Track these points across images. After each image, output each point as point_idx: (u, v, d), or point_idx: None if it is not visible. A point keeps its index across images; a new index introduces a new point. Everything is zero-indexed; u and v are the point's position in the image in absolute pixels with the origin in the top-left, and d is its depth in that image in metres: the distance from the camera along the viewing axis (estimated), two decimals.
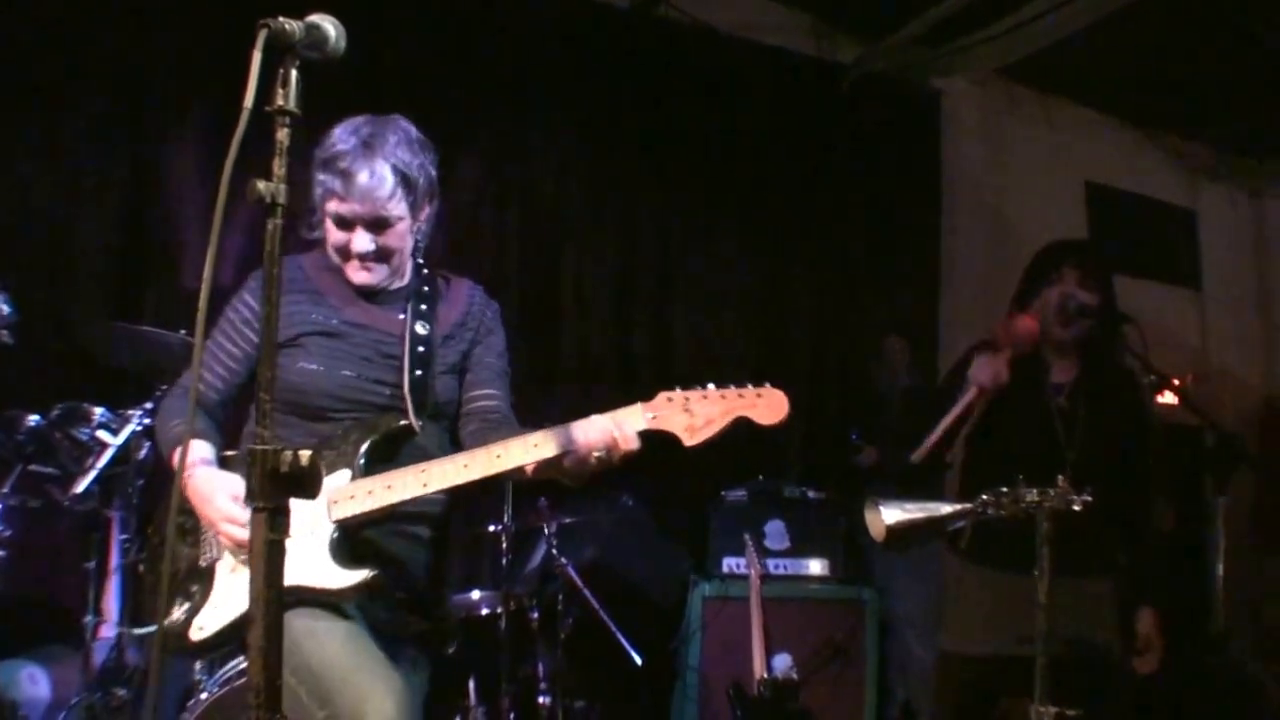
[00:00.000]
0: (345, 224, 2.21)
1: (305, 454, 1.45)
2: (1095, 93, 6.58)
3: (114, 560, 3.72)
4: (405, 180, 2.21)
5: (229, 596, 2.12)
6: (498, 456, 2.07)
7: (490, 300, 2.47)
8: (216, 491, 2.08)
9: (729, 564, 4.64)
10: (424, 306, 2.32)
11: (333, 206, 2.20)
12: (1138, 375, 3.18)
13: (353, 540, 2.14)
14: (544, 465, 2.09)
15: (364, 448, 2.14)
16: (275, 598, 1.46)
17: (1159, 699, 3.54)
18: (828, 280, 5.78)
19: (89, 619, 3.51)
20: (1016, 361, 3.00)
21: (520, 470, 2.10)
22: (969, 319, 5.80)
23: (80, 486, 3.34)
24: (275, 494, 1.45)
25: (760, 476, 4.88)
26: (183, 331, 3.40)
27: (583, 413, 2.12)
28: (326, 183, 2.18)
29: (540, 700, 3.99)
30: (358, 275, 2.26)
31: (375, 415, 2.20)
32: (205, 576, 2.17)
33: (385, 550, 2.19)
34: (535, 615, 3.98)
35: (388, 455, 2.17)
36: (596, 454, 2.04)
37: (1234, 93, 6.23)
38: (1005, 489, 2.39)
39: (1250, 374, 7.31)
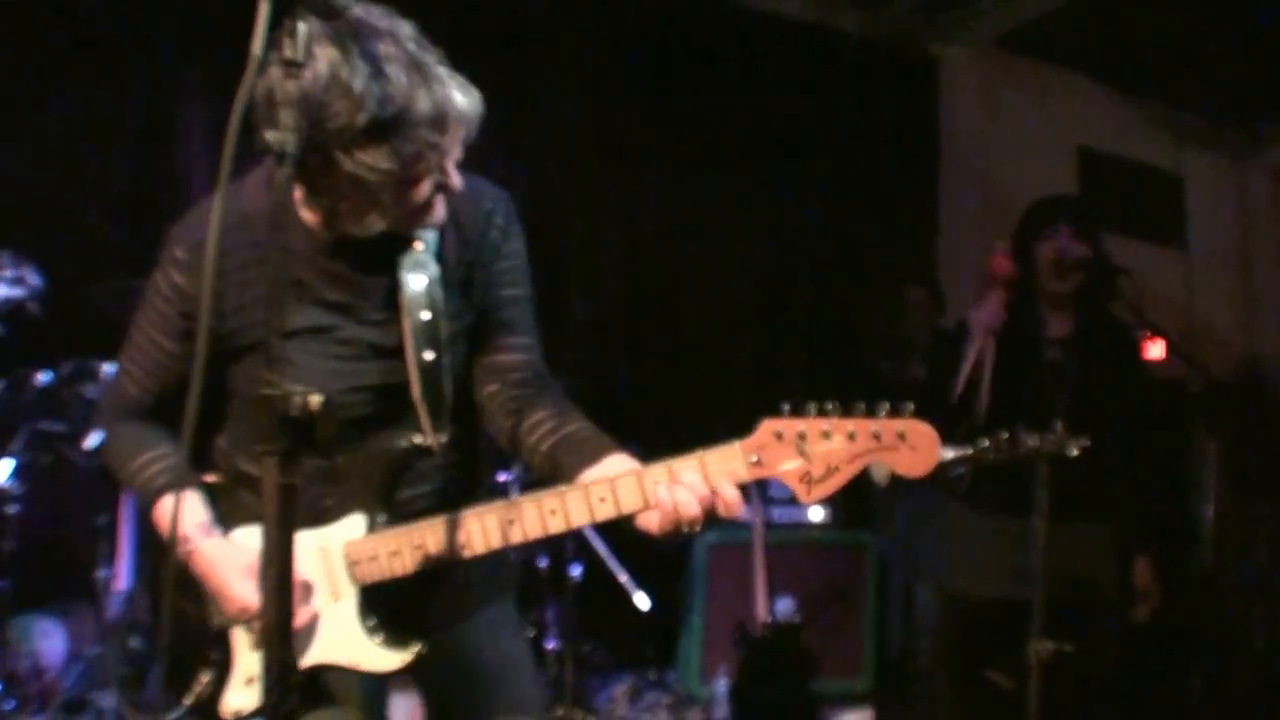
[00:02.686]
0: (437, 172, 1.62)
1: (315, 399, 1.35)
2: (1088, 61, 6.64)
3: (125, 515, 3.78)
4: None
5: (259, 673, 1.66)
6: (552, 513, 1.60)
7: (502, 195, 1.82)
8: (229, 575, 1.67)
9: None
10: (418, 245, 1.73)
11: (428, 164, 1.58)
12: (1131, 329, 3.23)
13: (381, 599, 1.72)
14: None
15: (375, 485, 1.72)
16: (287, 541, 1.45)
17: (1150, 638, 3.61)
18: (827, 242, 5.84)
19: (102, 573, 3.56)
20: (1012, 311, 3.06)
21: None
22: (965, 280, 5.87)
23: (90, 443, 3.36)
24: (286, 440, 1.41)
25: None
26: None
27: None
28: (407, 147, 1.52)
29: (549, 645, 4.08)
30: (432, 219, 1.67)
31: (381, 436, 1.74)
32: (221, 644, 1.76)
33: (423, 595, 1.78)
34: (543, 563, 4.06)
35: (398, 477, 1.75)
36: (688, 521, 1.54)
37: (1222, 62, 6.30)
38: (1004, 434, 2.46)
39: (1233, 332, 7.41)
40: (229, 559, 1.69)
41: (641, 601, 4.09)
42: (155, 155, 4.25)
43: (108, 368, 3.48)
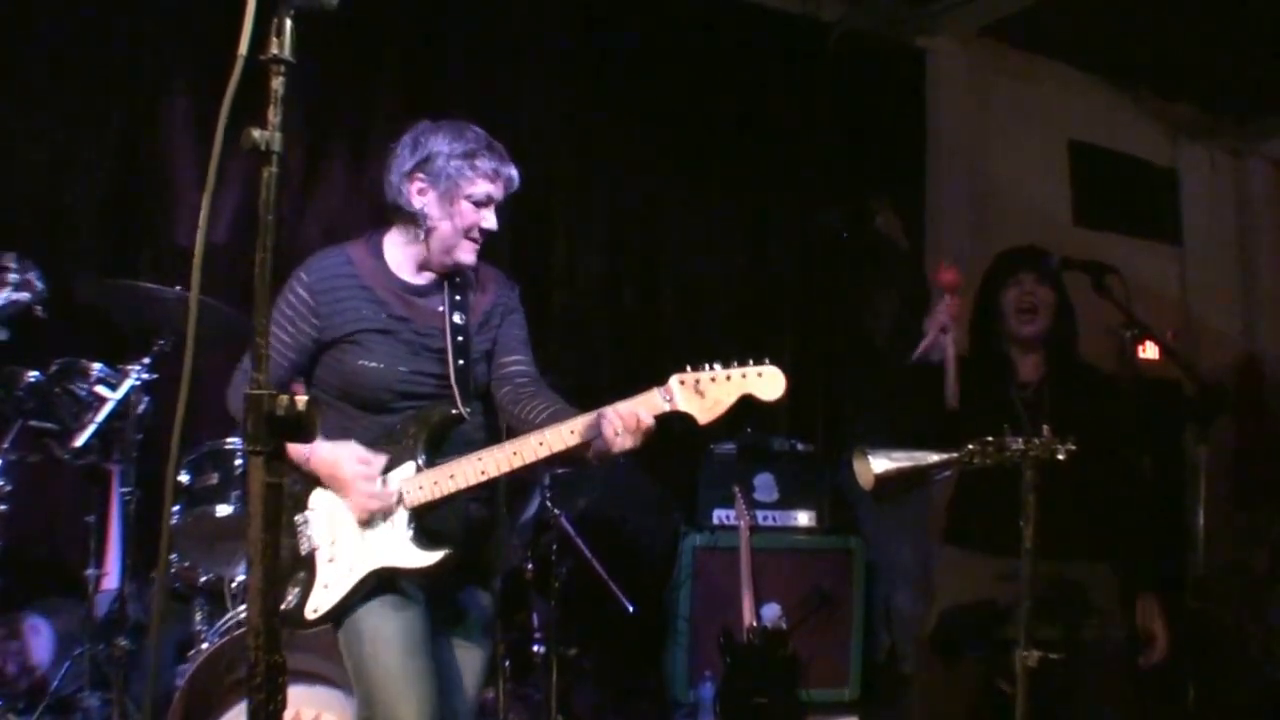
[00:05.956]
0: (483, 204, 2.47)
1: (301, 399, 1.47)
2: (1079, 52, 6.58)
3: (115, 513, 3.78)
4: None
5: (333, 581, 2.37)
6: (540, 444, 2.30)
7: (512, 283, 2.71)
8: (341, 459, 2.32)
9: (719, 515, 4.72)
10: (458, 297, 2.53)
11: (482, 188, 2.45)
12: (1100, 370, 3.30)
13: (426, 521, 2.37)
14: (578, 448, 2.31)
15: (422, 441, 2.38)
16: (273, 540, 1.48)
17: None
18: (813, 236, 5.80)
19: (91, 571, 3.55)
20: (983, 356, 3.17)
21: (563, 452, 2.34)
22: None
23: (79, 441, 3.35)
24: (272, 438, 1.46)
25: (749, 430, 4.96)
26: (178, 288, 3.43)
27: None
28: (474, 169, 2.44)
29: (535, 649, 4.08)
30: (468, 255, 2.49)
31: (427, 406, 2.42)
32: (308, 564, 2.40)
33: (456, 524, 2.43)
34: (530, 566, 4.05)
35: (440, 442, 2.41)
36: (619, 437, 2.23)
37: (1215, 53, 6.27)
38: (990, 439, 2.45)
39: (1230, 328, 7.39)
40: (343, 450, 2.33)
41: (627, 606, 4.08)
42: (140, 155, 4.23)
43: (98, 366, 3.46)
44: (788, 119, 5.72)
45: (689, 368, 2.31)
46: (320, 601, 2.36)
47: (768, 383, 2.32)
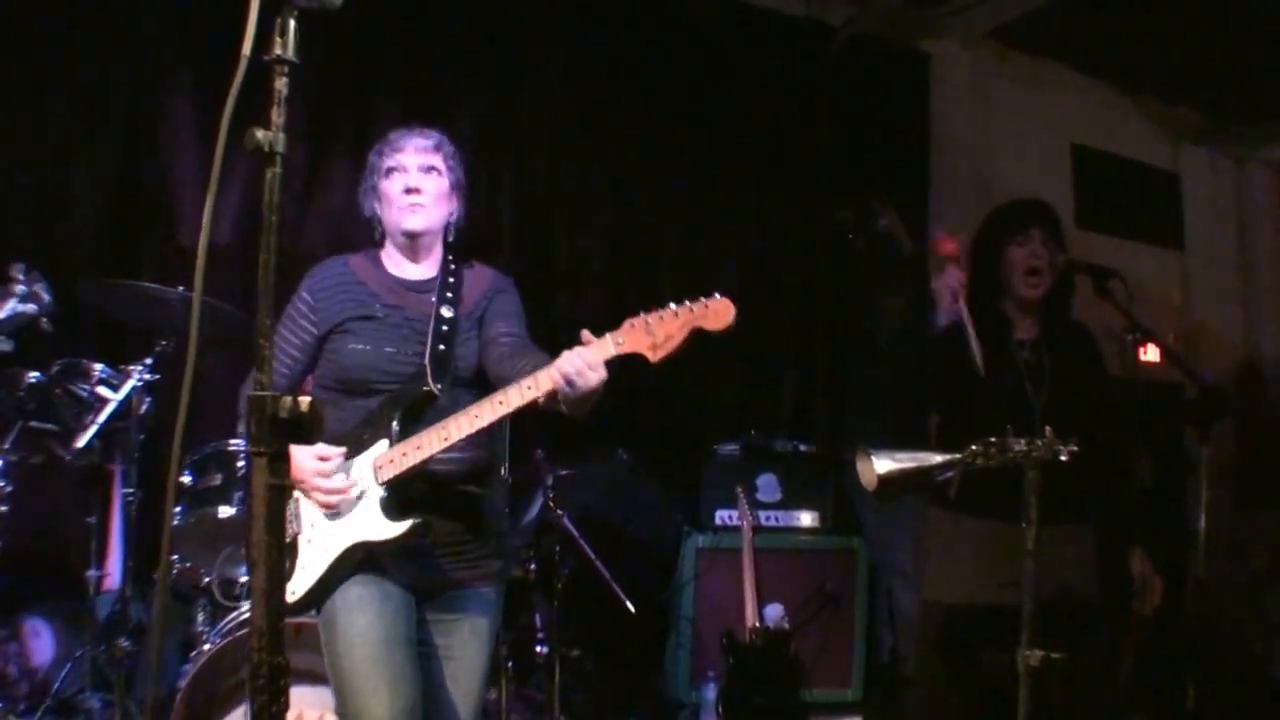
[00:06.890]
0: (398, 171, 2.59)
1: (305, 400, 1.47)
2: (1083, 56, 6.59)
3: (116, 514, 3.78)
4: (446, 145, 2.66)
5: (310, 562, 2.43)
6: (500, 403, 2.34)
7: (507, 278, 2.79)
8: (298, 457, 2.33)
9: (721, 516, 4.72)
10: (449, 294, 2.63)
11: (389, 162, 2.59)
12: (1090, 327, 3.26)
13: (402, 498, 2.42)
14: (546, 400, 2.34)
15: (395, 418, 2.44)
16: (276, 543, 1.47)
17: (1144, 645, 3.61)
18: (816, 240, 5.79)
19: (92, 573, 3.56)
20: (981, 312, 3.08)
21: (531, 406, 2.34)
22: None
23: (81, 441, 3.35)
24: (276, 439, 1.46)
25: (752, 431, 4.96)
26: (180, 288, 3.42)
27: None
28: (379, 153, 2.63)
29: (537, 650, 4.07)
30: (410, 219, 2.58)
31: (404, 387, 2.48)
32: (290, 548, 2.45)
33: (428, 496, 2.48)
34: (532, 567, 4.04)
35: (416, 420, 2.45)
36: (575, 381, 2.26)
37: (1219, 58, 6.27)
38: (993, 439, 2.44)
39: (1230, 333, 7.39)
40: (301, 450, 2.34)
41: (629, 606, 4.07)
42: (142, 155, 4.23)
43: (99, 367, 3.46)
44: (791, 121, 5.70)
45: (642, 311, 2.33)
46: (298, 584, 2.41)
47: (715, 313, 2.30)
